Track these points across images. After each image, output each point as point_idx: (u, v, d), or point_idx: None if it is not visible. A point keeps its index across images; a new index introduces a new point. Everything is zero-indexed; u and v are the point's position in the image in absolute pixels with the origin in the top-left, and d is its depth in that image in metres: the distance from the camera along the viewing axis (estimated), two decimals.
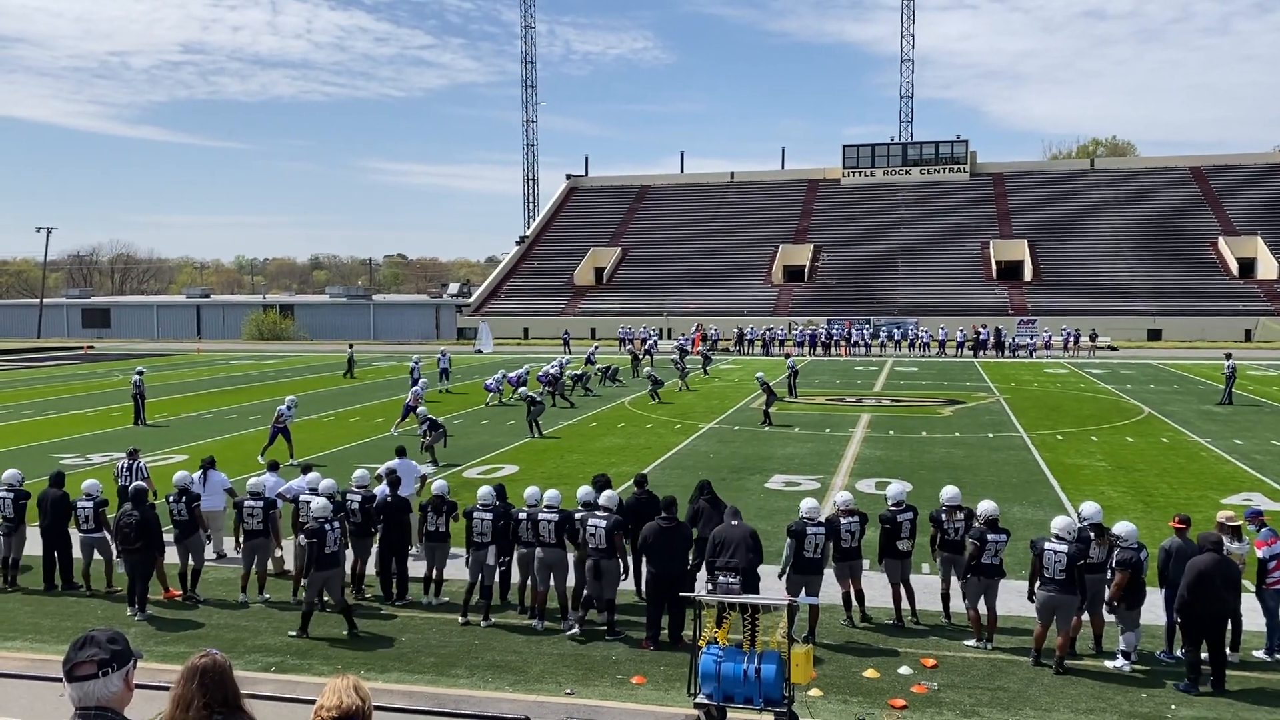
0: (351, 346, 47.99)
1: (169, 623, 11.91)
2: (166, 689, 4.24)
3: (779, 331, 61.12)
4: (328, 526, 11.30)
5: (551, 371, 33.72)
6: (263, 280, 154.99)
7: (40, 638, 11.41)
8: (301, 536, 12.64)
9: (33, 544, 13.55)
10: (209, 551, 13.44)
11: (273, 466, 14.82)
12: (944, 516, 11.45)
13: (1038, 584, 10.24)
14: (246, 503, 12.70)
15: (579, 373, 36.59)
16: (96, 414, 31.68)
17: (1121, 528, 10.40)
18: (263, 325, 79.44)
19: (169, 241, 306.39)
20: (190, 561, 12.80)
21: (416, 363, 36.38)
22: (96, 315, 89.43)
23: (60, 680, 3.34)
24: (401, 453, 15.36)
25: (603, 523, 11.22)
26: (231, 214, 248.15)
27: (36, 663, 10.42)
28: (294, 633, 11.41)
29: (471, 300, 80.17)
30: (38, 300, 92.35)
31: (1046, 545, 10.17)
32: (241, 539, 12.84)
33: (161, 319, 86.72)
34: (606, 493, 11.81)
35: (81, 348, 70.68)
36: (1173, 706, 9.25)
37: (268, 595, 12.66)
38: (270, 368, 50.88)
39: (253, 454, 22.26)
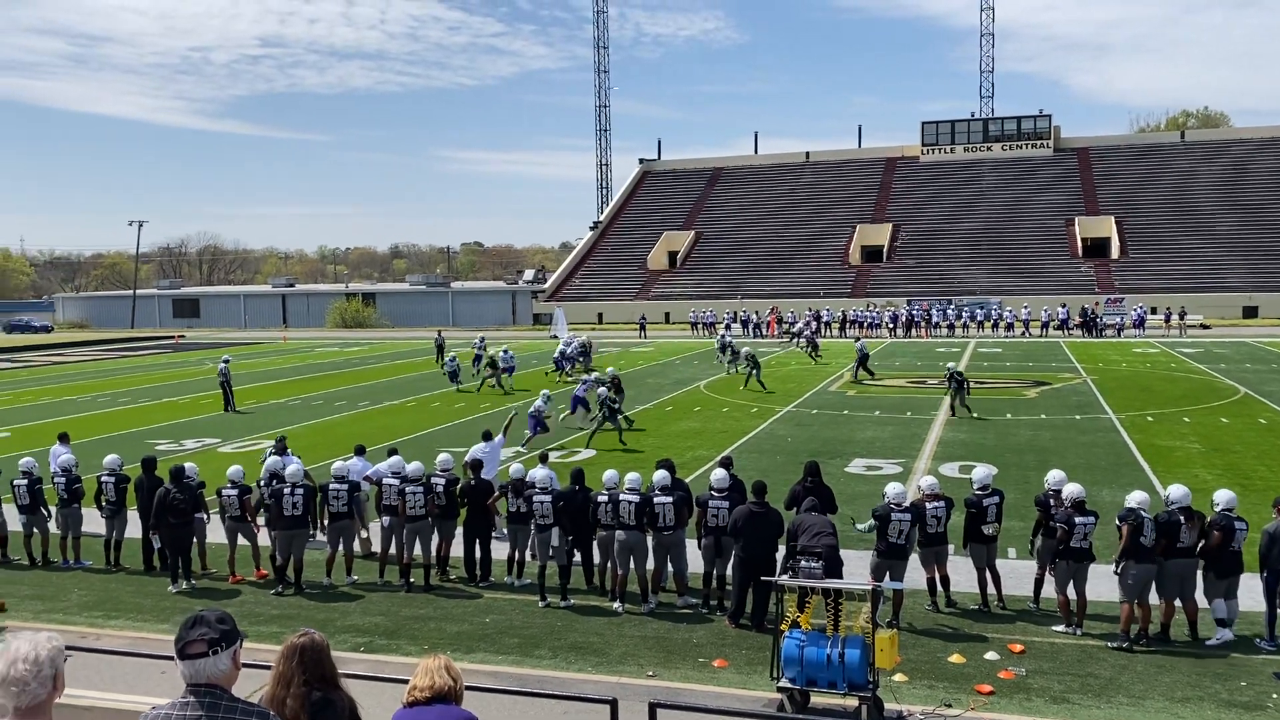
0: (440, 333, 48.72)
1: (261, 603, 12.25)
2: (261, 667, 4.37)
3: (858, 313, 60.41)
4: (286, 490, 12.46)
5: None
6: (345, 269, 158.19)
7: (141, 616, 11.83)
8: (385, 518, 12.95)
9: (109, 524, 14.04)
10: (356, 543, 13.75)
11: (359, 450, 15.11)
12: (1052, 501, 11.18)
13: (1130, 561, 10.10)
14: (331, 486, 12.96)
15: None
16: (187, 401, 32.69)
17: (1221, 495, 10.37)
18: (346, 313, 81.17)
19: (254, 232, 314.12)
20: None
21: (506, 353, 34.63)
22: (186, 305, 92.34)
23: (159, 657, 3.46)
24: (487, 437, 15.56)
25: (669, 499, 11.53)
26: (313, 205, 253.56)
27: (138, 640, 10.81)
28: (276, 591, 12.44)
29: (546, 286, 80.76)
30: (131, 292, 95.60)
31: (1145, 516, 10.12)
32: (326, 521, 13.13)
33: (248, 308, 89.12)
34: (719, 473, 11.89)
35: (172, 337, 72.98)
36: (1275, 696, 8.94)
37: (355, 577, 12.94)
38: (353, 355, 51.92)
39: (339, 438, 22.75)
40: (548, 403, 21.92)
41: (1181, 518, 10.27)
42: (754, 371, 31.55)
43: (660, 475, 11.87)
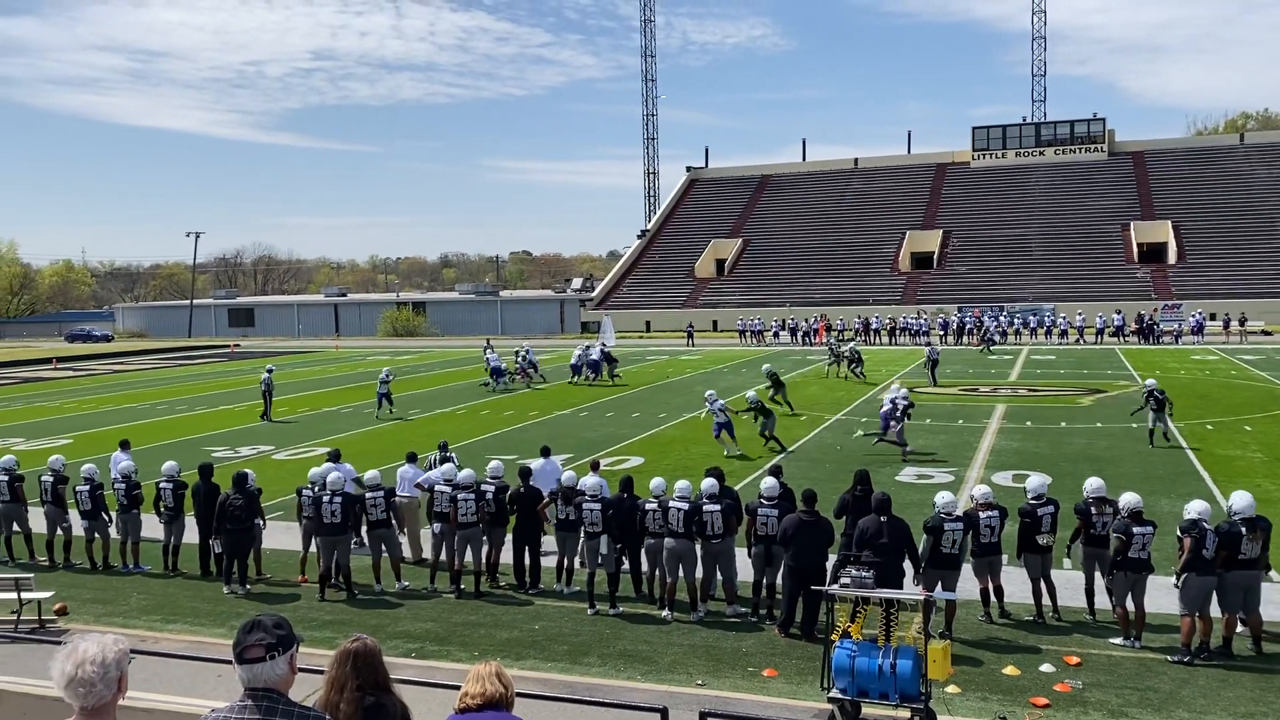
0: (489, 341, 49.16)
1: (314, 608, 12.40)
2: (314, 671, 4.43)
3: (908, 320, 59.79)
4: (325, 497, 12.61)
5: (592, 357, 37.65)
6: (395, 279, 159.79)
7: (199, 620, 12.04)
8: (436, 525, 13.06)
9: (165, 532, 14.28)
10: (405, 548, 13.96)
11: (410, 458, 15.26)
12: (1092, 509, 11.02)
13: (1191, 572, 9.87)
14: (367, 494, 13.10)
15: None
16: (243, 409, 33.21)
17: (1238, 500, 10.30)
18: (397, 322, 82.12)
19: (307, 243, 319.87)
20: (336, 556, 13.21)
21: (493, 356, 37.12)
22: (241, 315, 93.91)
23: (216, 661, 3.52)
24: (546, 453, 15.61)
25: (717, 507, 11.52)
26: (364, 215, 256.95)
27: (194, 644, 11.00)
28: (319, 597, 12.59)
29: (594, 294, 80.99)
30: (188, 302, 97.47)
31: (1207, 526, 9.90)
32: (365, 529, 13.27)
33: (302, 317, 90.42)
34: (768, 480, 11.89)
35: (228, 346, 74.25)
36: None
37: (406, 583, 13.06)
38: (404, 363, 52.43)
39: (390, 446, 22.98)
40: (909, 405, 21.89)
41: (1244, 528, 10.03)
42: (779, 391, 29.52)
43: (708, 483, 11.85)
